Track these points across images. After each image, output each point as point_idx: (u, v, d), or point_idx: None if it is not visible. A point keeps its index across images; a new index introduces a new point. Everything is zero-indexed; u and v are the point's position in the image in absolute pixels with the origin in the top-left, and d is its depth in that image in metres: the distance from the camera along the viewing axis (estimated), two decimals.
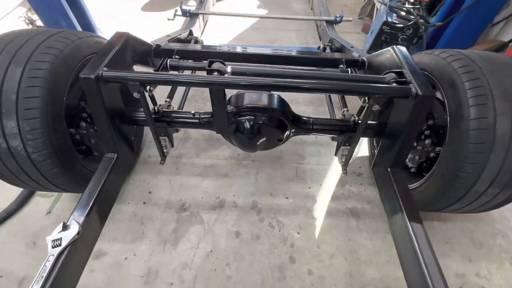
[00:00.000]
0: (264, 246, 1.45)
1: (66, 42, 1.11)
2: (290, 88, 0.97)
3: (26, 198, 1.58)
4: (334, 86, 0.95)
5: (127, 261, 1.37)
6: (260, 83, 0.99)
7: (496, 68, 1.04)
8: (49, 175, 1.10)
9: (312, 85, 0.95)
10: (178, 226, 1.51)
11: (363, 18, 3.50)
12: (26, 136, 1.00)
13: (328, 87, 0.95)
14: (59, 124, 1.08)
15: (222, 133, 1.38)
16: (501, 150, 0.97)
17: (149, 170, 1.77)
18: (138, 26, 3.28)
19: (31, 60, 1.01)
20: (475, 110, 0.99)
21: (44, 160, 1.05)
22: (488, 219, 1.62)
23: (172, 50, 1.52)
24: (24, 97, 0.98)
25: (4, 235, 1.44)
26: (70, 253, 0.87)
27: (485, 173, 1.01)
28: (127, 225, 1.50)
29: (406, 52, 1.15)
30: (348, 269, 1.38)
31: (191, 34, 2.14)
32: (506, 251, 1.49)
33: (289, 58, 1.57)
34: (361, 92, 0.98)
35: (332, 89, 0.96)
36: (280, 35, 3.20)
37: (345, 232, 1.52)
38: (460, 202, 1.13)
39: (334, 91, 0.98)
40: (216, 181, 1.73)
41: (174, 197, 1.64)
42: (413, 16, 2.14)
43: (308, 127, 1.37)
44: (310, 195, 1.68)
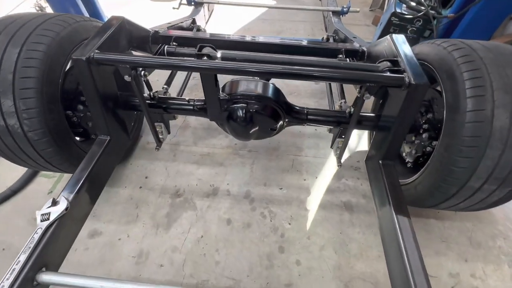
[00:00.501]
0: (254, 235, 1.46)
1: (63, 25, 1.14)
2: (279, 74, 0.96)
3: (30, 178, 1.65)
4: (323, 73, 0.93)
5: (121, 241, 1.41)
6: (248, 69, 0.97)
7: (500, 58, 0.99)
8: (45, 154, 1.14)
9: (300, 71, 0.93)
10: (171, 211, 1.54)
11: (374, 10, 3.38)
12: (22, 115, 1.04)
13: (316, 74, 0.92)
14: (54, 105, 1.11)
15: (215, 120, 1.39)
16: (498, 144, 0.93)
17: (147, 156, 1.80)
18: (146, 15, 3.31)
19: (28, 41, 1.05)
20: (472, 101, 0.94)
21: (39, 139, 1.09)
22: (490, 219, 1.56)
23: (170, 37, 1.52)
24: (20, 77, 1.01)
25: (8, 211, 1.52)
26: (58, 227, 0.90)
27: (481, 169, 0.96)
28: (123, 208, 1.54)
29: (404, 41, 1.10)
30: (337, 262, 1.37)
31: (194, 23, 2.13)
32: (506, 254, 1.43)
33: (287, 47, 1.54)
34: (351, 80, 0.95)
35: (319, 76, 0.93)
36: (287, 26, 3.15)
37: (337, 225, 1.50)
38: (455, 198, 1.09)
39: (322, 78, 0.95)
40: (212, 169, 1.74)
41: (169, 183, 1.67)
42: (423, 7, 2.04)
43: (302, 117, 1.35)
44: (305, 187, 1.67)
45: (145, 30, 1.43)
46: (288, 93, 2.31)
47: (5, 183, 1.61)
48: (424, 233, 1.49)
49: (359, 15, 3.41)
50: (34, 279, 0.82)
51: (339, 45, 1.56)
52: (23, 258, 0.81)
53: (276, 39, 1.61)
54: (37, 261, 0.83)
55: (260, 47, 1.54)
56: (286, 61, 1.05)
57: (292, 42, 1.56)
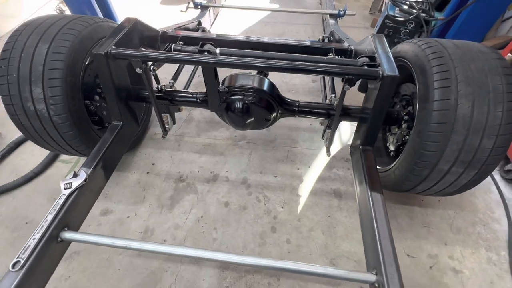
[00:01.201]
0: (249, 216, 1.59)
1: (84, 25, 1.32)
2: (267, 67, 1.10)
3: (49, 162, 1.84)
4: (306, 66, 1.07)
5: (129, 219, 1.57)
6: (241, 63, 1.12)
7: (466, 54, 1.11)
8: (66, 137, 1.31)
9: (286, 65, 1.08)
10: (175, 194, 1.69)
11: (373, 13, 3.50)
12: (49, 101, 1.21)
13: (300, 67, 1.06)
14: (76, 93, 1.28)
15: (215, 111, 1.54)
16: (462, 130, 1.05)
17: (154, 145, 1.97)
18: (155, 17, 3.51)
19: (56, 38, 1.22)
20: (439, 92, 1.07)
21: (62, 123, 1.26)
22: (471, 208, 1.66)
23: (177, 37, 1.69)
24: (49, 69, 1.19)
25: (31, 190, 1.70)
26: (78, 195, 1.06)
27: (447, 152, 1.08)
28: (132, 190, 1.71)
29: (382, 40, 1.23)
30: (324, 242, 1.50)
31: (199, 24, 2.30)
32: (485, 239, 1.53)
33: (282, 46, 1.69)
34: (331, 72, 1.09)
35: (303, 69, 1.07)
36: (288, 29, 3.30)
37: (326, 210, 1.63)
38: (428, 181, 1.21)
39: (306, 71, 1.09)
40: (213, 158, 1.89)
41: (173, 169, 1.82)
42: (415, 10, 2.16)
43: (294, 109, 1.49)
44: (298, 175, 1.80)
45: (155, 30, 1.60)
46: (287, 90, 2.46)
47: (28, 166, 1.80)
48: (407, 218, 1.60)
49: (359, 18, 3.54)
50: (59, 236, 0.98)
51: (330, 45, 1.69)
52: (50, 218, 0.97)
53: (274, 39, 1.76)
54: (61, 221, 0.99)
55: (258, 46, 1.69)
56: (275, 57, 1.19)
57: (287, 42, 1.71)
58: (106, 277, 1.35)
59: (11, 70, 1.19)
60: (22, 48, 1.20)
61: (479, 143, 1.05)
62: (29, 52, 1.19)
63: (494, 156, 1.08)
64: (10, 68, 1.19)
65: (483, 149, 1.06)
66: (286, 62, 1.07)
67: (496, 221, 1.60)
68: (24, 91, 1.20)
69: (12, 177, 1.75)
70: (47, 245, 0.93)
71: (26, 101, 1.21)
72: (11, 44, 1.22)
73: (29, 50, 1.20)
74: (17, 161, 1.87)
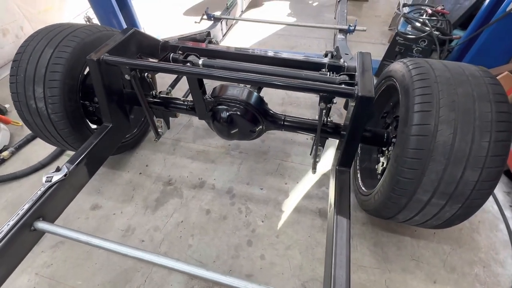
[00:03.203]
0: (228, 226, 1.59)
1: (88, 33, 1.44)
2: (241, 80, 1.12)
3: (57, 156, 2.00)
4: (280, 81, 1.06)
5: (115, 216, 1.64)
6: (219, 75, 1.15)
7: (454, 77, 1.03)
8: (62, 133, 1.43)
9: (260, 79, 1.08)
10: (161, 196, 1.74)
11: (393, 29, 3.38)
12: (48, 100, 1.33)
13: (273, 82, 1.06)
14: (73, 94, 1.40)
15: (203, 119, 1.57)
16: (441, 159, 0.96)
17: (151, 147, 2.06)
18: (176, 27, 3.72)
19: (60, 44, 1.35)
20: (418, 116, 1.00)
21: (59, 120, 1.37)
22: (472, 246, 1.50)
23: (176, 46, 1.78)
24: (50, 71, 1.32)
25: (36, 180, 1.86)
26: (57, 188, 1.14)
27: (425, 181, 1.00)
28: (123, 189, 1.79)
29: (368, 58, 1.19)
30: (300, 262, 1.43)
31: (208, 35, 2.40)
32: (483, 283, 1.36)
33: (274, 59, 1.69)
34: (305, 89, 1.06)
35: (276, 84, 1.06)
36: (301, 42, 3.31)
37: (308, 229, 1.57)
38: (407, 210, 1.12)
39: (279, 86, 1.08)
40: (203, 165, 1.93)
41: (164, 172, 1.88)
42: (428, 28, 2.05)
43: (279, 123, 1.48)
44: (284, 190, 1.76)
45: (155, 40, 1.70)
46: (289, 103, 2.44)
47: (38, 158, 1.97)
48: (395, 248, 1.48)
49: (377, 34, 3.44)
50: (32, 225, 1.06)
51: (324, 60, 1.67)
52: (26, 207, 1.06)
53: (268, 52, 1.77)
54: (36, 211, 1.07)
55: (251, 58, 1.71)
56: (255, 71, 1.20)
57: (280, 55, 1.71)
58: (83, 269, 1.42)
59: (20, 71, 1.33)
60: (31, 52, 1.35)
61: (461, 174, 0.96)
62: (36, 55, 1.33)
63: (480, 190, 0.97)
64: (19, 69, 1.34)
65: (467, 181, 0.96)
66: (260, 76, 1.08)
67: (500, 264, 1.42)
68: (28, 90, 1.34)
69: (23, 166, 1.93)
70: (19, 232, 1.01)
71: (30, 99, 1.35)
72: (24, 48, 1.37)
73: (36, 54, 1.34)
74: (31, 152, 2.06)
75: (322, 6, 4.24)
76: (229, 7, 2.96)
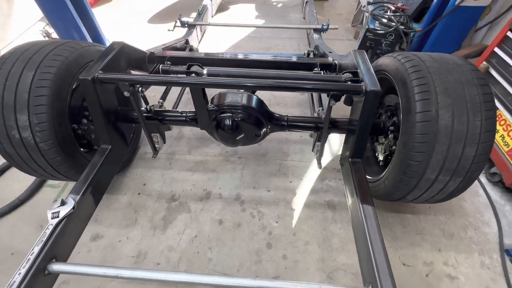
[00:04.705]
0: (244, 233, 1.58)
1: (70, 50, 1.32)
2: (255, 86, 1.13)
3: (36, 188, 1.79)
4: (296, 84, 1.10)
5: (121, 243, 1.53)
6: (228, 83, 1.14)
7: (442, 67, 1.16)
8: (53, 162, 1.29)
9: (273, 84, 1.10)
10: (167, 214, 1.67)
11: (356, 25, 3.64)
12: (35, 128, 1.19)
13: (287, 85, 1.09)
14: (63, 118, 1.27)
15: (205, 129, 1.54)
16: (444, 139, 1.08)
17: (145, 165, 1.95)
18: (143, 37, 3.55)
19: (41, 65, 1.22)
20: (420, 104, 1.11)
21: (49, 149, 1.24)
22: (462, 212, 1.69)
23: (164, 57, 1.71)
24: (34, 96, 1.18)
25: (16, 219, 1.64)
26: (66, 224, 1.03)
27: (433, 161, 1.11)
28: (123, 213, 1.67)
29: (364, 55, 1.29)
30: (320, 255, 1.49)
31: (187, 43, 2.34)
32: (477, 243, 1.55)
33: (269, 62, 1.73)
34: (319, 89, 1.12)
35: (292, 87, 1.10)
36: (274, 43, 3.39)
37: (321, 222, 1.63)
38: (417, 190, 1.23)
39: (293, 88, 1.11)
40: (205, 175, 1.88)
41: (165, 189, 1.80)
42: (393, 23, 2.26)
43: (283, 123, 1.51)
44: (291, 189, 1.80)
45: (142, 52, 1.62)
46: (276, 103, 2.50)
47: (14, 193, 1.74)
48: (400, 227, 1.61)
49: (342, 31, 3.67)
50: (46, 268, 0.95)
51: (315, 60, 1.75)
52: (36, 250, 0.94)
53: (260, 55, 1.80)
54: (48, 253, 0.96)
55: (245, 63, 1.72)
56: (263, 75, 1.22)
57: (274, 58, 1.75)
58: None
59: None
60: (7, 76, 1.19)
61: (461, 151, 1.09)
62: (14, 80, 1.18)
63: (477, 163, 1.11)
64: None
65: (467, 157, 1.10)
66: (274, 81, 1.10)
67: (486, 224, 1.64)
68: (8, 119, 1.18)
69: None
70: (33, 279, 0.90)
71: (11, 129, 1.19)
72: None
73: (14, 78, 1.19)
74: (2, 188, 1.81)
75: (287, 6, 4.38)
76: (201, 12, 2.91)
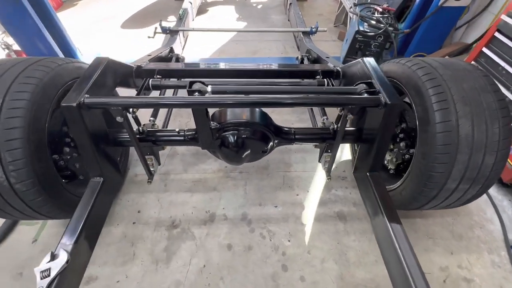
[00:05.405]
0: (256, 257, 1.47)
1: (45, 70, 1.12)
2: (270, 104, 1.02)
3: (9, 228, 1.54)
4: (312, 100, 1.01)
5: (119, 284, 1.36)
6: (240, 101, 1.03)
7: (455, 74, 1.14)
8: (34, 204, 1.09)
9: (291, 100, 1.01)
10: (169, 243, 1.51)
11: (338, 26, 3.65)
12: (8, 167, 0.99)
13: (307, 101, 1.01)
14: (42, 152, 1.08)
15: (207, 149, 1.41)
16: (465, 149, 1.06)
17: (137, 189, 1.76)
18: (118, 43, 3.28)
19: (10, 91, 1.02)
20: (439, 114, 1.07)
21: (28, 190, 1.04)
22: (466, 212, 1.72)
23: (153, 70, 1.54)
24: (5, 129, 0.98)
25: None
26: (60, 283, 0.86)
27: (454, 172, 1.09)
28: (118, 247, 1.49)
29: (375, 64, 1.23)
30: (339, 272, 1.42)
31: (172, 51, 2.17)
32: (484, 242, 1.58)
33: (269, 71, 1.63)
34: (337, 104, 1.04)
35: (310, 103, 1.02)
36: (260, 46, 3.29)
37: (334, 236, 1.57)
38: (436, 199, 1.21)
39: (313, 104, 1.04)
40: (205, 195, 1.74)
41: (163, 214, 1.64)
42: (382, 25, 2.27)
43: (290, 137, 1.43)
44: (298, 202, 1.73)
45: (128, 67, 1.44)
46: (270, 110, 2.39)
47: None
48: (412, 232, 1.60)
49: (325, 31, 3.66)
50: None
51: (316, 67, 1.68)
52: None
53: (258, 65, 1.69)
54: None
55: (245, 74, 1.61)
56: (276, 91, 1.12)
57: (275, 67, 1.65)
58: None
59: None
60: None
61: (482, 160, 1.07)
62: None
63: (496, 170, 1.10)
64: None
65: (487, 165, 1.08)
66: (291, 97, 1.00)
67: (490, 222, 1.68)
68: None
69: None
70: None
71: None
72: None
73: None
74: None
75: (267, 8, 4.31)
76: (182, 17, 2.74)
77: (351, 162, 1.96)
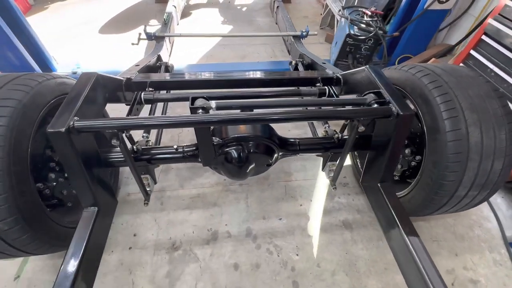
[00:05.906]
0: (265, 275, 1.41)
1: (24, 90, 0.99)
2: (281, 120, 0.97)
3: None
4: (326, 113, 0.97)
5: None
6: (248, 118, 0.96)
7: (460, 81, 1.14)
8: (17, 243, 0.96)
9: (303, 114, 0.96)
10: (171, 268, 1.41)
11: (324, 28, 3.67)
12: None
13: (321, 115, 0.96)
14: (25, 184, 0.95)
15: (209, 165, 1.33)
16: (475, 157, 1.06)
17: (131, 210, 1.64)
18: (98, 51, 3.08)
19: None
20: (449, 122, 1.06)
21: (10, 229, 0.91)
22: (464, 212, 1.75)
23: (145, 82, 1.43)
24: None
25: None
26: None
27: (465, 179, 1.08)
28: (114, 277, 1.37)
29: (381, 73, 1.21)
30: (350, 284, 1.39)
31: (159, 59, 2.05)
32: (484, 240, 1.62)
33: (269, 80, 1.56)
34: (348, 117, 1.01)
35: (324, 117, 0.97)
36: (248, 51, 3.23)
37: (342, 246, 1.54)
38: (446, 206, 1.21)
39: (327, 118, 0.99)
40: (206, 211, 1.65)
41: (162, 236, 1.53)
42: (372, 28, 2.28)
43: (295, 148, 1.37)
44: (303, 213, 1.68)
45: (117, 80, 1.32)
46: None
47: None
48: None
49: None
50: None
51: (315, 74, 1.64)
52: None
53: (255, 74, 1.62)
54: None
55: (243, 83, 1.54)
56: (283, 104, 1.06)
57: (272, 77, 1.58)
58: None
59: None
60: None
61: (491, 166, 1.08)
62: None
63: (503, 175, 1.12)
64: None
65: (495, 171, 1.09)
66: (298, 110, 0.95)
67: (487, 220, 1.72)
68: None
69: None
70: None
71: None
72: None
73: None
74: None
75: (252, 10, 4.25)
76: (167, 22, 2.61)
77: (351, 168, 1.94)
